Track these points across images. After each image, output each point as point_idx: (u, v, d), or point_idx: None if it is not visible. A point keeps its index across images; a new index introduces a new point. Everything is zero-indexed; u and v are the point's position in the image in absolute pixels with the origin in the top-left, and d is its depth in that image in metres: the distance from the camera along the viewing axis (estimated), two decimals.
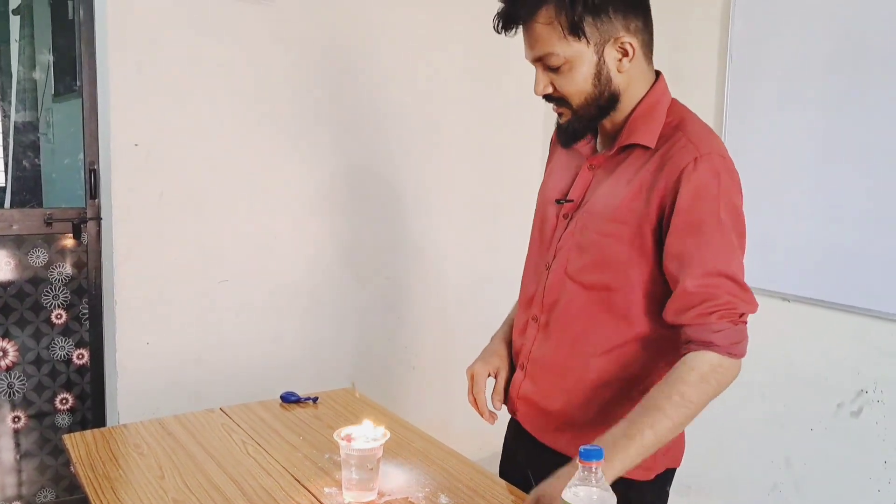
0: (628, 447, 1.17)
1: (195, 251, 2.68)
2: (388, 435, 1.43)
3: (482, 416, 1.51)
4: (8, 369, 2.63)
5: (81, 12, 2.63)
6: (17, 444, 2.67)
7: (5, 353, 2.62)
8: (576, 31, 1.25)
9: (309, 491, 1.43)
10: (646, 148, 1.31)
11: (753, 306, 1.28)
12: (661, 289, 1.31)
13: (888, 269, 2.17)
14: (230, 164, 2.72)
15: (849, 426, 2.32)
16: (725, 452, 2.64)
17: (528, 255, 1.56)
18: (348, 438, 1.41)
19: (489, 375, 1.54)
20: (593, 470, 0.96)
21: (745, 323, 1.28)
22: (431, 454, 1.61)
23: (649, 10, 1.34)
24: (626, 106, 1.34)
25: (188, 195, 2.65)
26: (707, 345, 1.24)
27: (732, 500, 2.64)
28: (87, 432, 1.70)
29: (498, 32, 1.31)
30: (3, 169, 3.52)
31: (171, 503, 1.38)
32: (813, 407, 2.41)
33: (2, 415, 2.63)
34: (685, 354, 1.25)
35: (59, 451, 2.73)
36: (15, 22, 3.55)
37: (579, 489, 0.97)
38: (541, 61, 1.29)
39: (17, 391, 2.65)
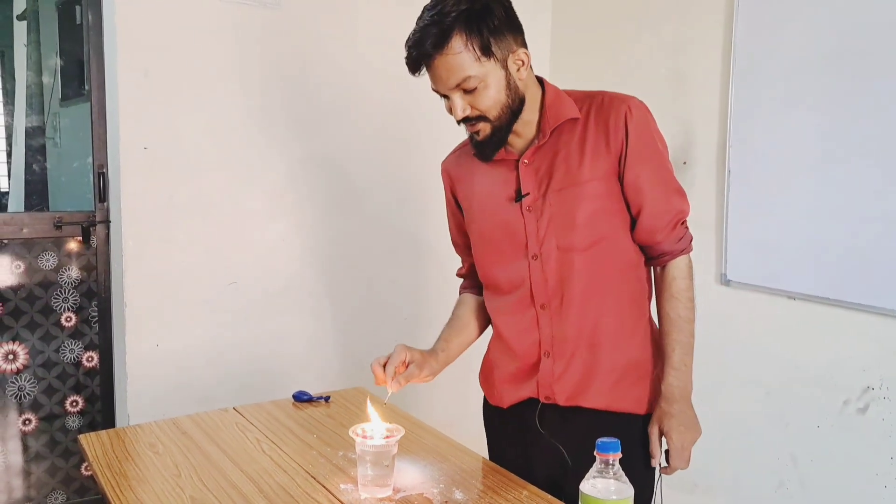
0: (689, 369, 1.53)
1: (203, 253, 2.70)
2: (403, 431, 1.45)
3: (384, 380, 1.52)
4: (18, 372, 2.65)
5: (90, 17, 2.65)
6: (28, 447, 2.68)
7: (16, 356, 2.64)
8: (487, 51, 1.40)
9: (325, 488, 1.45)
10: (574, 120, 1.50)
11: (689, 205, 1.56)
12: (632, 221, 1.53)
13: (894, 266, 2.19)
14: (238, 167, 2.74)
15: (855, 423, 2.33)
16: (731, 450, 2.65)
17: (489, 265, 1.62)
18: (364, 434, 1.43)
19: (404, 362, 1.55)
20: (610, 462, 0.98)
21: None
22: (443, 451, 1.63)
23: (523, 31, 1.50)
24: (530, 106, 1.50)
25: (196, 198, 2.67)
26: (681, 252, 1.53)
27: (738, 497, 2.66)
28: (102, 432, 1.71)
29: (412, 74, 1.45)
30: (6, 173, 3.56)
31: (189, 501, 1.39)
32: (819, 404, 2.43)
33: (12, 417, 2.65)
34: (662, 265, 1.55)
35: (70, 454, 2.75)
36: (20, 27, 3.57)
37: (597, 481, 0.99)
38: (458, 87, 1.42)
39: (28, 394, 2.67)
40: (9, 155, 3.57)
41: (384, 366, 1.52)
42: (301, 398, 1.92)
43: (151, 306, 2.63)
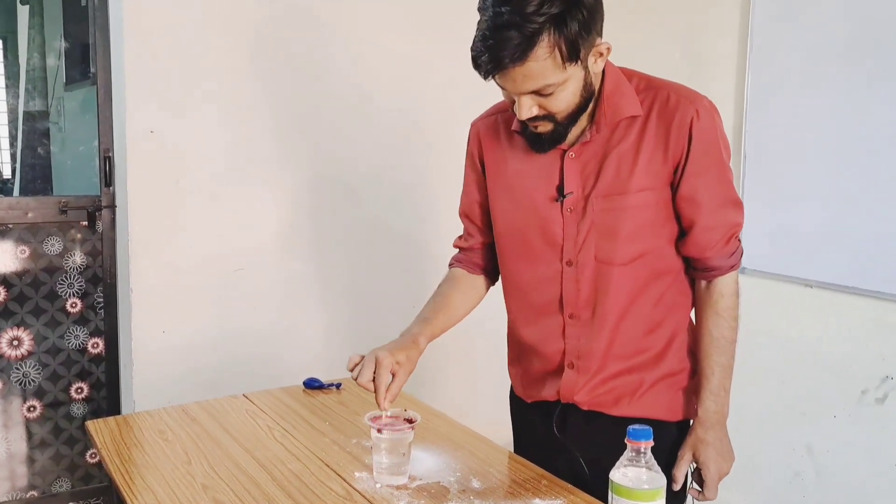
0: (728, 394, 1.45)
1: (211, 239, 2.66)
2: (420, 418, 1.41)
3: (378, 401, 1.38)
4: (23, 358, 2.61)
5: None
6: (33, 434, 2.65)
7: (20, 342, 2.60)
8: (573, 56, 1.23)
9: (340, 476, 1.42)
10: (632, 118, 1.36)
11: (744, 216, 1.45)
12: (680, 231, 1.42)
13: None
14: (247, 153, 2.70)
15: (873, 413, 2.30)
16: (745, 440, 2.60)
17: (515, 262, 1.49)
18: (376, 421, 1.39)
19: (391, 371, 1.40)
20: (642, 450, 0.94)
21: None
22: (459, 439, 1.59)
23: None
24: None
25: (204, 183, 2.63)
26: (731, 268, 1.42)
27: (752, 488, 2.63)
28: (110, 418, 1.68)
29: (484, 78, 1.26)
30: (9, 159, 3.51)
31: (201, 488, 1.36)
32: (836, 393, 2.39)
33: (17, 404, 2.62)
34: (708, 280, 1.43)
35: (75, 441, 2.72)
36: (23, 11, 3.52)
37: (628, 470, 0.95)
38: (533, 92, 1.26)
39: (33, 380, 2.63)
40: (14, 139, 3.53)
41: (376, 387, 1.37)
42: (312, 385, 1.89)
43: (158, 292, 2.59)
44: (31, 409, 2.64)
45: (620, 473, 0.94)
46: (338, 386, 1.89)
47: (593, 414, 1.45)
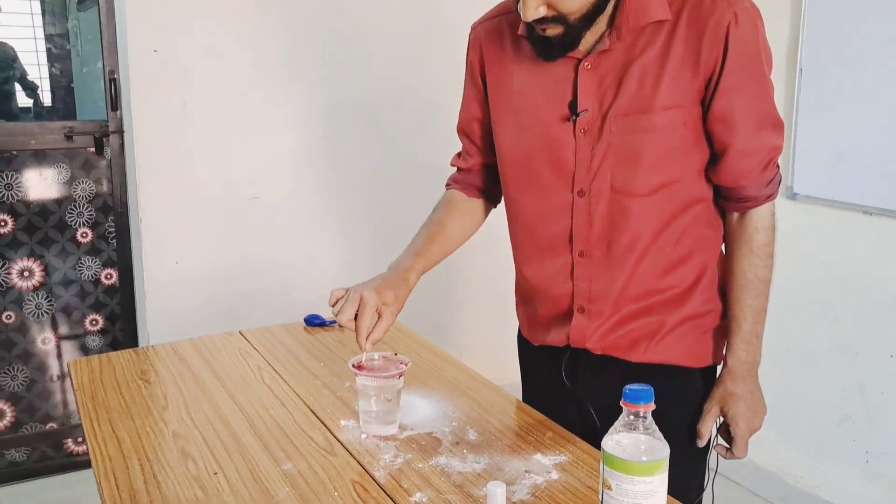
0: (761, 340, 1.26)
1: (223, 166, 2.53)
2: (409, 363, 1.27)
3: (359, 341, 1.24)
4: (35, 290, 2.55)
5: None
6: (49, 367, 2.61)
7: (31, 273, 2.53)
8: None
9: (323, 423, 1.29)
10: (659, 22, 1.16)
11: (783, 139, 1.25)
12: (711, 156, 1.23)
13: None
14: (257, 74, 2.53)
15: None
16: (791, 380, 2.43)
17: (518, 191, 1.31)
18: (362, 367, 1.26)
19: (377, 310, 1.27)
20: (641, 414, 0.78)
21: None
22: (462, 384, 1.45)
23: None
24: None
25: (213, 107, 2.49)
26: (768, 198, 1.24)
27: (796, 431, 2.45)
28: (94, 357, 1.58)
29: None
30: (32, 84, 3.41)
31: (171, 437, 1.25)
32: (893, 332, 2.18)
33: (31, 336, 2.57)
34: (742, 212, 1.24)
35: None
36: None
37: (622, 436, 0.79)
38: None
39: (46, 312, 2.57)
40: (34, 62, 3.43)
41: (355, 317, 1.24)
42: (313, 322, 1.76)
43: (168, 222, 2.49)
44: (46, 341, 2.59)
45: (613, 441, 0.78)
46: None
47: (606, 359, 1.28)
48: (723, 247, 1.31)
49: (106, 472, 1.14)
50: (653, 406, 0.78)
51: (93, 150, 2.55)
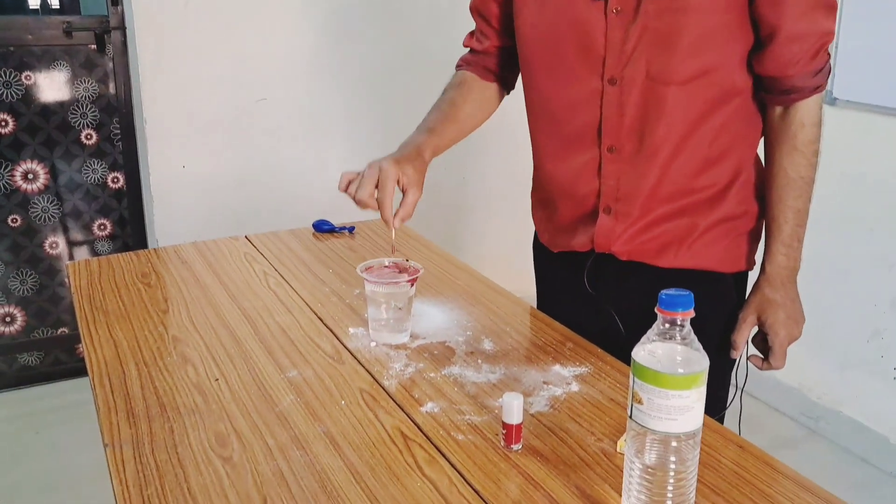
0: (801, 244, 1.17)
1: (229, 65, 2.41)
2: (422, 270, 1.19)
3: (385, 218, 1.14)
4: (40, 193, 2.48)
5: None
6: (57, 271, 2.56)
7: (35, 175, 2.46)
8: None
9: (331, 331, 1.22)
10: None
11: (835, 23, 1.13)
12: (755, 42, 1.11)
13: None
14: None
15: None
16: (819, 293, 2.34)
17: (541, 79, 1.20)
18: (373, 271, 1.18)
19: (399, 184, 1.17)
20: (679, 322, 0.69)
21: None
22: (477, 292, 1.37)
23: None
24: None
25: (218, 1, 2.35)
26: (815, 90, 1.12)
27: (822, 346, 2.37)
28: (94, 260, 1.51)
29: None
30: None
31: (171, 342, 1.18)
32: None
33: (38, 240, 2.51)
34: (786, 105, 1.13)
35: None
36: None
37: (656, 346, 0.71)
38: None
39: (52, 216, 2.51)
40: None
41: (375, 195, 1.13)
42: (322, 228, 1.68)
43: (174, 124, 2.39)
44: (54, 245, 2.54)
45: (646, 351, 0.70)
46: (351, 230, 1.68)
47: (633, 265, 1.19)
48: (759, 147, 1.20)
49: (101, 377, 1.08)
50: (692, 313, 0.69)
51: (94, 47, 2.43)
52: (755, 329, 1.22)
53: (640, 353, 0.71)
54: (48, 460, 2.24)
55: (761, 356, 1.21)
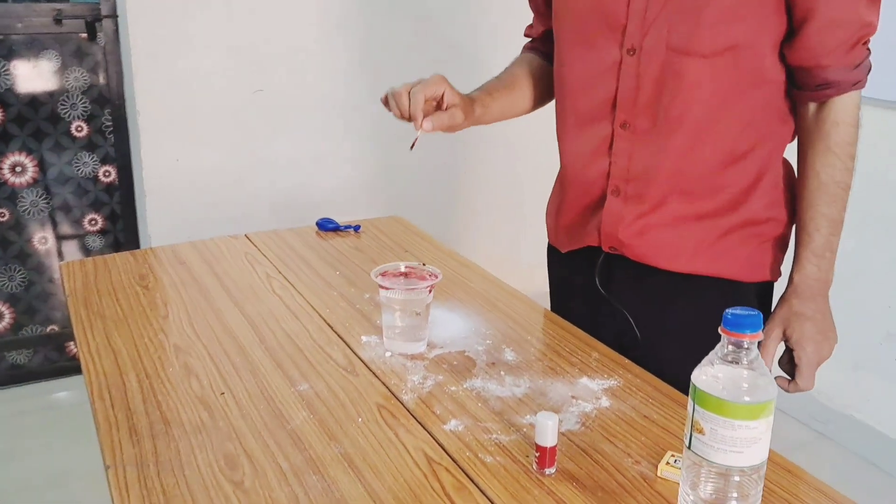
0: (835, 255, 1.11)
1: (225, 55, 2.32)
2: (440, 275, 1.12)
3: (413, 113, 1.13)
4: (28, 186, 2.39)
5: None
6: (46, 267, 2.48)
7: (24, 168, 2.37)
8: None
9: (342, 339, 1.15)
10: None
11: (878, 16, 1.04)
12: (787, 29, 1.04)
13: None
14: None
15: None
16: (833, 294, 2.28)
17: (569, 47, 1.15)
18: (388, 276, 1.11)
19: (441, 98, 1.15)
20: (745, 346, 0.63)
21: None
22: (493, 297, 1.31)
23: None
24: None
25: None
26: (854, 85, 1.04)
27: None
28: (89, 260, 1.44)
29: None
30: None
31: (173, 351, 1.11)
32: None
33: (27, 235, 2.43)
34: (820, 101, 1.05)
35: None
36: None
37: (719, 369, 0.64)
38: None
39: (42, 210, 2.42)
40: None
41: (410, 93, 1.11)
42: (326, 227, 1.61)
43: (168, 115, 2.30)
44: (43, 240, 2.45)
45: (709, 375, 0.64)
46: (356, 228, 1.61)
47: (646, 268, 1.13)
48: (791, 152, 1.14)
49: (100, 390, 1.01)
50: (760, 335, 0.63)
51: (85, 35, 2.34)
52: (781, 348, 1.15)
53: (702, 377, 0.64)
54: (37, 460, 2.17)
55: (788, 377, 1.15)
